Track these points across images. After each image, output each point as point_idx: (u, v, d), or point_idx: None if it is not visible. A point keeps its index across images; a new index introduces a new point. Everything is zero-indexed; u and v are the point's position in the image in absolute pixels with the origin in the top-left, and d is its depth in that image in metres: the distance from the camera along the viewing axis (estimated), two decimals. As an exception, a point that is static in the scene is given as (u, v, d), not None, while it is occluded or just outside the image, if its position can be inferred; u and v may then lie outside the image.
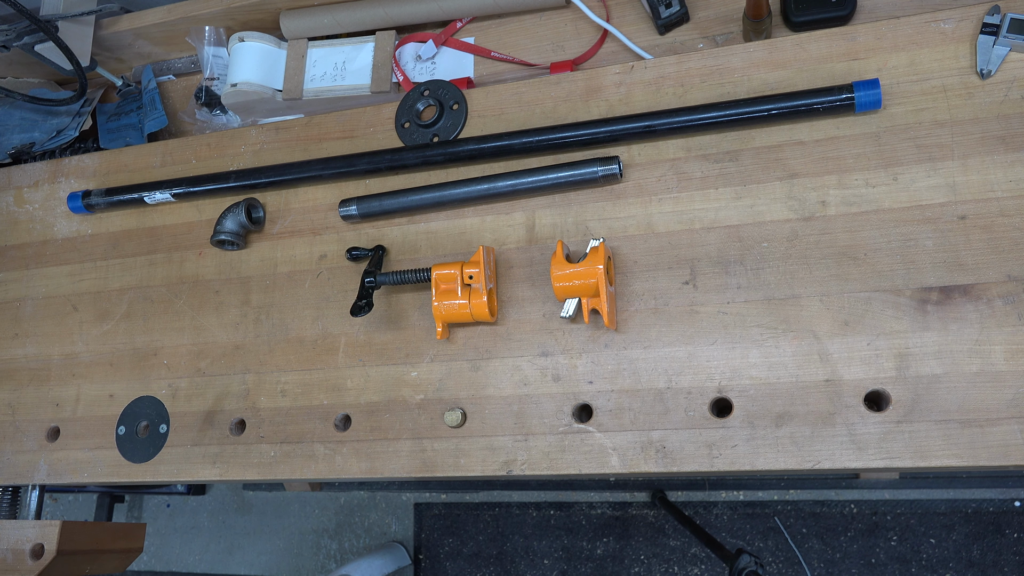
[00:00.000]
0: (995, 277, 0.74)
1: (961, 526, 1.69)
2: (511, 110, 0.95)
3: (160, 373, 1.00)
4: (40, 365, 1.07)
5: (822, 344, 0.76)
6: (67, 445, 1.01)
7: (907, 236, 0.77)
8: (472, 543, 1.98)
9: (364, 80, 1.07)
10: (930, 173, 0.78)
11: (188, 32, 1.16)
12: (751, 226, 0.82)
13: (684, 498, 1.85)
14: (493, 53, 1.05)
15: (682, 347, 0.81)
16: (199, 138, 1.09)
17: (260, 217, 1.01)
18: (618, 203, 0.87)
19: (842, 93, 0.79)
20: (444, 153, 0.93)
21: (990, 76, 0.78)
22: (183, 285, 1.03)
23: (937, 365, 0.73)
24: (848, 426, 0.74)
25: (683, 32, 0.99)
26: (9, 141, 1.22)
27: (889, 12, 0.91)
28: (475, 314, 0.84)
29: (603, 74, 0.92)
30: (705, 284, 0.82)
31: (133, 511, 2.30)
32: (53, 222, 1.13)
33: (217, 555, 2.20)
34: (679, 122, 0.84)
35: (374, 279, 0.89)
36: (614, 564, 1.86)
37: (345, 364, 0.92)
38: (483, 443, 0.84)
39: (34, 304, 1.10)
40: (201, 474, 0.94)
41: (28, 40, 1.10)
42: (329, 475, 0.89)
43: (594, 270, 0.78)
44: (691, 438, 0.78)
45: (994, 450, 0.70)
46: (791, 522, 1.77)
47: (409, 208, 0.94)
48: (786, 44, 0.86)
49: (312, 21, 1.10)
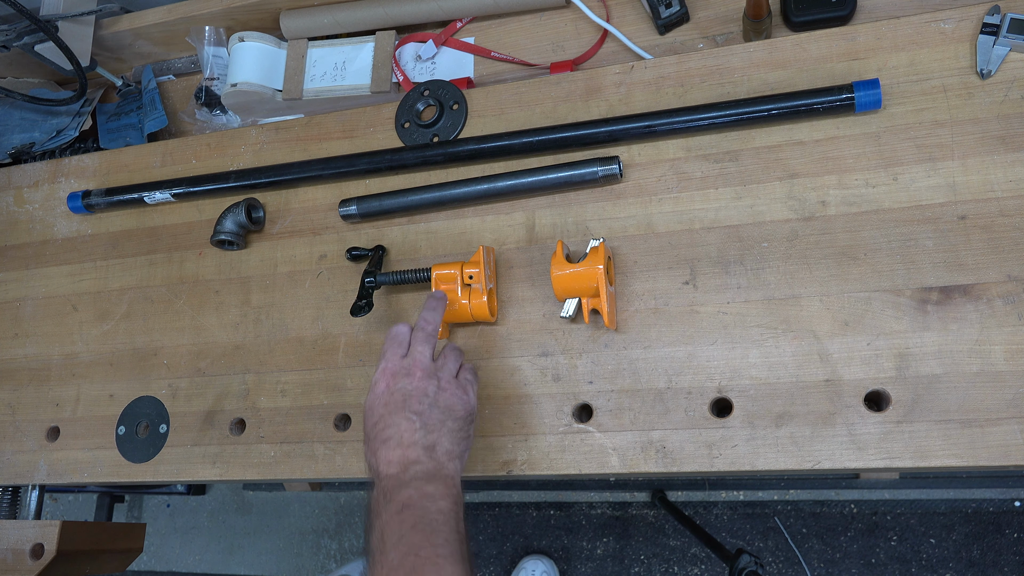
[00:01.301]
0: (995, 277, 0.74)
1: (961, 526, 1.69)
2: (511, 110, 0.95)
3: (160, 373, 1.00)
4: (40, 365, 1.07)
5: (822, 344, 0.76)
6: (67, 445, 1.01)
7: (907, 236, 0.77)
8: (472, 543, 1.97)
9: (364, 80, 1.07)
10: (930, 173, 0.78)
11: (188, 32, 1.16)
12: (751, 226, 0.82)
13: (684, 498, 1.85)
14: (493, 53, 1.05)
15: (682, 347, 0.81)
16: (199, 138, 1.09)
17: (260, 217, 1.01)
18: (618, 203, 0.87)
19: (842, 93, 0.79)
20: (444, 153, 0.93)
21: (990, 76, 0.78)
22: (183, 285, 1.03)
23: (937, 365, 0.73)
24: (848, 426, 0.74)
25: (683, 32, 0.99)
26: (9, 141, 1.22)
27: (889, 12, 0.91)
28: (475, 314, 0.84)
29: (603, 74, 0.92)
30: (705, 284, 0.82)
31: (133, 511, 2.30)
32: (53, 222, 1.13)
33: (217, 555, 2.20)
34: (679, 122, 0.84)
35: (374, 279, 0.89)
36: (614, 564, 1.86)
37: (345, 364, 0.92)
38: (483, 443, 0.84)
39: (34, 304, 1.10)
40: (201, 474, 0.94)
41: (28, 40, 1.10)
42: (329, 475, 0.89)
43: (594, 270, 0.78)
44: (691, 438, 0.78)
45: (994, 450, 0.70)
46: (791, 522, 1.77)
47: (409, 208, 0.94)
48: (786, 44, 0.86)
49: (312, 21, 1.10)
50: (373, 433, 0.71)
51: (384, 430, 0.70)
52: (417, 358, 0.74)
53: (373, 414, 0.72)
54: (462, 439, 0.72)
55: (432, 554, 0.60)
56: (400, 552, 0.61)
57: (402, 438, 0.69)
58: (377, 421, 0.71)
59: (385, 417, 0.71)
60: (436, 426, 0.70)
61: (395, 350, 0.75)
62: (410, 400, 0.71)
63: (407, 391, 0.72)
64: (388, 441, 0.69)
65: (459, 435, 0.72)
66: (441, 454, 0.69)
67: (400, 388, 0.72)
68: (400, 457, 0.68)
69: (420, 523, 0.62)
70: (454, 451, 0.70)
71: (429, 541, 0.61)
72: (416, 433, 0.69)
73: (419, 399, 0.71)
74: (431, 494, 0.65)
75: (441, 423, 0.71)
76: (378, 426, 0.71)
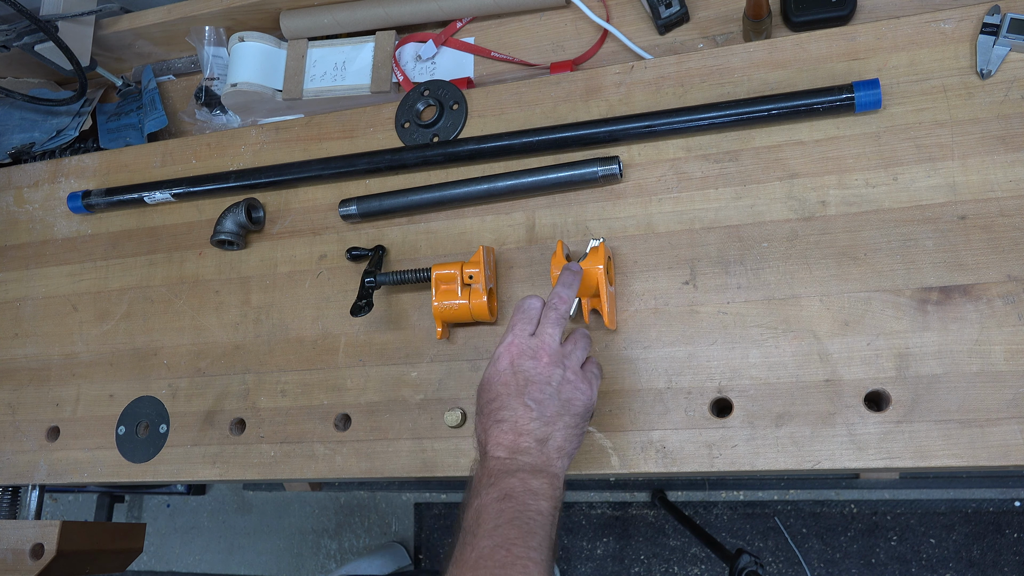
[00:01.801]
0: (995, 277, 0.74)
1: (961, 526, 1.69)
2: (511, 110, 0.95)
3: (160, 373, 1.00)
4: (40, 365, 1.07)
5: (822, 344, 0.76)
6: (67, 445, 1.01)
7: (907, 236, 0.77)
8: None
9: (364, 80, 1.07)
10: (930, 173, 0.78)
11: (188, 32, 1.16)
12: (751, 226, 0.82)
13: (684, 498, 1.85)
14: (493, 53, 1.05)
15: (682, 347, 0.81)
16: (199, 138, 1.09)
17: (260, 217, 1.01)
18: (618, 203, 0.87)
19: (842, 93, 0.79)
20: (444, 153, 0.93)
21: (990, 76, 0.78)
22: (183, 285, 1.03)
23: (937, 365, 0.73)
24: (848, 426, 0.74)
25: (683, 32, 0.99)
26: (9, 141, 1.22)
27: (889, 12, 0.91)
28: (475, 314, 0.84)
29: (603, 74, 0.92)
30: (705, 284, 0.82)
31: (133, 511, 2.30)
32: (53, 222, 1.13)
33: (217, 555, 2.20)
34: (679, 122, 0.84)
35: (374, 279, 0.89)
36: (614, 564, 1.86)
37: (345, 364, 0.92)
38: (483, 443, 0.84)
39: (34, 304, 1.10)
40: (201, 474, 0.94)
41: (28, 40, 1.10)
42: (329, 475, 0.89)
43: (594, 270, 0.78)
44: (691, 438, 0.78)
45: (994, 450, 0.70)
46: (791, 522, 1.77)
47: (409, 208, 0.94)
48: (786, 44, 0.86)
49: (312, 21, 1.10)
50: (488, 410, 0.69)
51: (499, 410, 0.68)
52: (546, 340, 0.70)
53: (491, 390, 0.69)
54: (575, 436, 0.69)
55: (524, 555, 0.59)
56: (493, 541, 0.60)
57: (517, 423, 0.67)
58: (494, 399, 0.69)
59: (503, 397, 0.68)
60: (553, 418, 0.68)
61: (524, 326, 0.71)
62: (532, 386, 0.68)
63: (530, 375, 0.68)
64: (502, 423, 0.67)
65: (573, 431, 0.69)
66: (552, 449, 0.67)
67: (524, 370, 0.69)
68: (511, 443, 0.66)
69: (518, 519, 0.61)
70: (565, 448, 0.68)
71: (524, 541, 0.60)
72: (532, 423, 0.67)
73: (541, 386, 0.68)
74: (535, 490, 0.63)
75: (558, 416, 0.68)
76: (493, 404, 0.69)
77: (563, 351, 0.71)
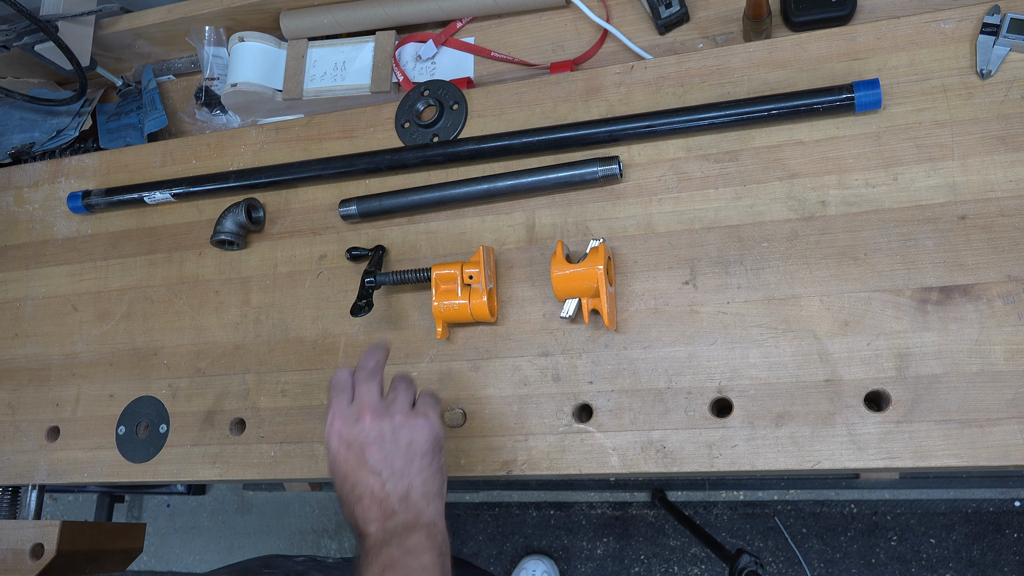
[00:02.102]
0: (995, 277, 0.74)
1: (961, 526, 1.69)
2: (511, 110, 0.95)
3: (160, 373, 1.00)
4: (40, 365, 1.07)
5: (822, 344, 0.76)
6: (67, 445, 1.01)
7: (907, 236, 0.77)
8: (472, 543, 1.98)
9: (364, 80, 1.07)
10: (930, 173, 0.78)
11: (188, 32, 1.16)
12: (751, 226, 0.82)
13: (684, 498, 1.85)
14: (493, 53, 1.05)
15: (682, 347, 0.81)
16: (199, 138, 1.09)
17: (260, 217, 1.01)
18: (618, 203, 0.87)
19: (842, 93, 0.79)
20: (444, 153, 0.93)
21: (990, 76, 0.78)
22: (183, 285, 1.03)
23: (937, 365, 0.73)
24: (848, 426, 0.74)
25: (683, 32, 0.99)
26: (9, 141, 1.22)
27: (889, 12, 0.91)
28: (475, 314, 0.84)
29: (603, 74, 0.92)
30: (705, 284, 0.82)
31: (133, 511, 2.30)
32: (53, 222, 1.13)
33: (217, 555, 2.20)
34: (679, 122, 0.84)
35: (374, 279, 0.89)
36: (614, 564, 1.86)
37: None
38: (483, 443, 0.84)
39: (34, 304, 1.10)
40: (201, 474, 0.94)
41: (28, 40, 1.10)
42: (329, 475, 0.89)
43: (594, 270, 0.78)
44: (691, 438, 0.78)
45: (994, 450, 0.70)
46: (791, 522, 1.77)
47: (409, 208, 0.94)
48: (786, 44, 0.86)
49: (312, 21, 1.10)
50: (344, 494, 0.68)
51: (353, 489, 0.67)
52: (365, 399, 0.69)
53: (338, 474, 0.68)
54: (436, 473, 0.68)
55: None
56: None
57: (374, 493, 0.66)
58: (344, 481, 0.68)
59: (350, 475, 0.67)
60: (404, 469, 0.67)
61: (340, 398, 0.70)
62: (368, 449, 0.67)
63: (362, 440, 0.67)
64: (362, 499, 0.66)
65: (430, 470, 0.68)
66: (417, 498, 0.66)
67: (354, 438, 0.67)
68: (378, 513, 0.65)
69: None
70: (430, 490, 0.67)
71: None
72: (387, 484, 0.66)
73: (378, 445, 0.67)
74: (413, 549, 0.63)
75: (408, 464, 0.67)
76: (346, 485, 0.67)
77: (385, 401, 0.70)
